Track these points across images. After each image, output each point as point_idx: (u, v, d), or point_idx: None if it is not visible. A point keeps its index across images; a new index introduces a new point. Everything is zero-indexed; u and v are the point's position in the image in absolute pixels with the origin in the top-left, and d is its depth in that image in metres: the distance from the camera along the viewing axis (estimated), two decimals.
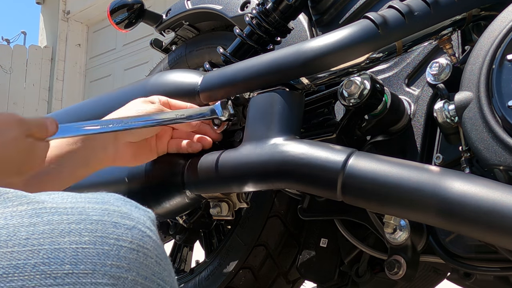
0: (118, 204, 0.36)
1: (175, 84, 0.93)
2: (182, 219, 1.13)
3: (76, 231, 0.32)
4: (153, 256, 0.34)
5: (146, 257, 0.34)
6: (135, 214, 0.36)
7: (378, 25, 0.73)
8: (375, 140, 0.80)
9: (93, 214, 0.33)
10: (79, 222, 0.32)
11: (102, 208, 0.34)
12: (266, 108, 0.80)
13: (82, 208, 0.33)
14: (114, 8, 1.28)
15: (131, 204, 0.37)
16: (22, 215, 0.31)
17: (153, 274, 0.34)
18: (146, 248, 0.34)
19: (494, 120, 0.61)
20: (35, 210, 0.32)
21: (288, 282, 1.09)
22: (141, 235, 0.34)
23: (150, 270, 0.34)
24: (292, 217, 1.04)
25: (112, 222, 0.33)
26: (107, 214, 0.34)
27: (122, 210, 0.35)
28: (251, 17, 0.98)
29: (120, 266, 0.32)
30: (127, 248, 0.33)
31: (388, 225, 0.73)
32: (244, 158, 0.77)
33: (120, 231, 0.33)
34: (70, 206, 0.33)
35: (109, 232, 0.33)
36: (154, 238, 0.35)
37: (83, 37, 7.22)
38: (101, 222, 0.33)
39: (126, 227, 0.34)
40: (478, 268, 0.70)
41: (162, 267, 0.35)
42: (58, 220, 0.32)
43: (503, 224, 0.54)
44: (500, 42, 0.64)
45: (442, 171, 0.62)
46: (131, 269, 0.32)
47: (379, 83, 0.77)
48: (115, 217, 0.34)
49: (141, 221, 0.35)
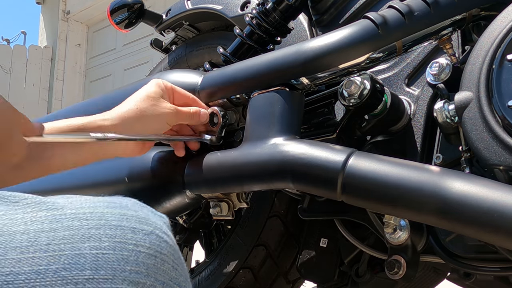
0: (136, 209, 0.36)
1: (175, 84, 0.92)
2: (182, 219, 1.13)
3: (96, 236, 0.32)
4: (170, 261, 0.35)
5: (163, 263, 0.34)
6: (152, 219, 0.36)
7: (378, 25, 0.73)
8: (375, 140, 0.80)
9: (112, 219, 0.34)
10: (99, 228, 0.32)
11: (120, 213, 0.34)
12: (266, 108, 0.80)
13: (101, 213, 0.34)
14: (114, 8, 1.28)
15: (148, 209, 0.37)
16: (42, 220, 0.32)
17: (170, 280, 0.34)
18: (163, 253, 0.34)
19: (494, 120, 0.61)
20: (55, 216, 0.32)
21: (288, 282, 1.09)
22: (158, 240, 0.35)
23: (167, 275, 0.34)
24: (292, 217, 1.04)
25: (131, 228, 0.34)
26: (126, 219, 0.34)
27: (140, 215, 0.35)
28: (251, 17, 0.98)
29: (139, 271, 0.32)
30: (145, 253, 0.33)
31: (388, 225, 0.73)
32: (244, 158, 0.77)
33: (139, 236, 0.34)
34: (89, 211, 0.34)
35: (128, 237, 0.33)
36: (171, 243, 0.36)
37: (83, 37, 7.22)
38: (120, 228, 0.33)
39: (144, 232, 0.34)
40: (478, 268, 0.70)
41: (178, 272, 0.35)
42: (78, 225, 0.32)
43: (503, 224, 0.54)
44: (500, 42, 0.64)
45: (442, 171, 0.62)
46: (149, 274, 0.32)
47: (379, 83, 0.77)
48: (133, 222, 0.34)
49: (158, 227, 0.36)
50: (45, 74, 7.17)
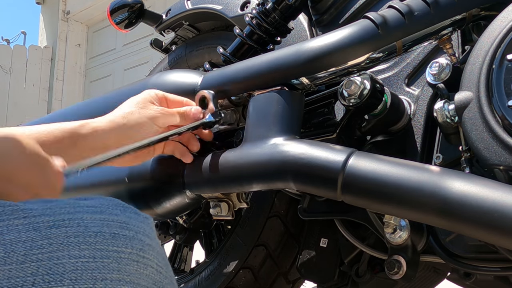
0: (117, 213, 0.35)
1: (175, 84, 0.93)
2: (182, 219, 1.13)
3: (75, 244, 0.31)
4: (154, 265, 0.34)
5: (146, 267, 0.33)
6: (134, 222, 0.35)
7: (378, 25, 0.73)
8: (375, 140, 0.80)
9: (92, 225, 0.33)
10: (78, 235, 0.32)
11: (100, 219, 0.33)
12: (266, 108, 0.80)
13: (81, 220, 0.33)
14: (114, 8, 1.28)
15: (130, 211, 0.36)
16: (19, 229, 0.31)
17: (154, 283, 0.33)
18: (146, 257, 0.34)
19: (494, 120, 0.61)
20: (32, 224, 0.31)
21: (288, 282, 1.09)
22: (141, 244, 0.34)
23: (151, 279, 0.33)
24: (292, 217, 1.04)
25: (112, 233, 0.33)
26: (106, 225, 0.33)
27: (121, 220, 0.34)
28: (251, 17, 0.98)
29: (120, 279, 0.31)
30: (127, 259, 0.32)
31: (388, 225, 0.73)
32: (244, 158, 0.77)
33: (120, 242, 0.33)
34: (68, 217, 0.33)
35: (108, 243, 0.32)
36: (154, 245, 0.35)
37: (83, 37, 7.22)
38: (100, 234, 0.32)
39: (126, 237, 0.33)
40: (478, 268, 0.70)
41: (162, 275, 0.35)
42: (56, 233, 0.31)
43: (503, 224, 0.54)
44: (500, 42, 0.64)
45: (442, 171, 0.62)
46: (131, 281, 0.32)
47: (379, 83, 0.77)
48: (114, 228, 0.33)
49: (141, 230, 0.35)
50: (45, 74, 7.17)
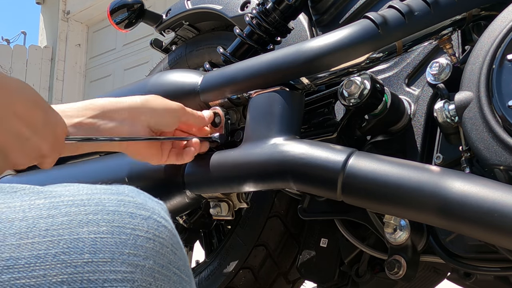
0: (133, 195, 0.36)
1: (175, 84, 0.93)
2: (182, 219, 1.13)
3: (94, 221, 0.32)
4: (169, 245, 0.35)
5: (162, 246, 0.34)
6: (150, 204, 0.36)
7: (378, 25, 0.73)
8: (375, 140, 0.80)
9: (109, 205, 0.34)
10: (96, 213, 0.33)
11: (118, 199, 0.35)
12: (266, 108, 0.80)
13: (99, 199, 0.34)
14: (114, 8, 1.28)
15: (145, 196, 0.38)
16: (40, 207, 0.32)
17: (169, 263, 0.34)
18: (162, 237, 0.35)
19: (494, 120, 0.61)
20: (53, 203, 0.33)
21: (288, 282, 1.09)
22: (156, 225, 0.35)
23: (166, 258, 0.34)
24: (292, 217, 1.04)
25: (128, 213, 0.34)
26: (123, 205, 0.35)
27: (137, 201, 0.36)
28: (251, 17, 0.98)
29: (137, 254, 0.32)
30: (143, 237, 0.33)
31: (388, 225, 0.73)
32: (244, 158, 0.77)
33: (136, 221, 0.34)
34: (86, 197, 0.34)
35: (125, 222, 0.33)
36: (169, 228, 0.36)
37: (83, 37, 7.22)
38: (118, 213, 0.34)
39: (142, 217, 0.34)
40: (478, 268, 0.70)
41: (177, 256, 0.36)
42: (75, 211, 0.33)
43: (503, 224, 0.54)
44: (500, 42, 0.64)
45: (442, 171, 0.62)
46: (148, 257, 0.33)
47: (379, 83, 0.77)
48: (131, 208, 0.35)
49: (156, 212, 0.36)
50: (45, 74, 7.17)
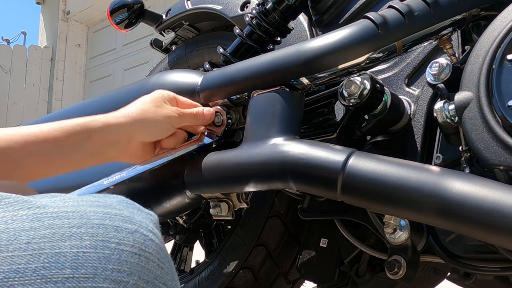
0: (120, 208, 0.35)
1: (175, 84, 0.93)
2: (182, 219, 1.13)
3: (77, 235, 0.31)
4: (155, 260, 0.34)
5: (148, 261, 0.33)
6: (137, 218, 0.35)
7: (378, 25, 0.73)
8: (375, 140, 0.80)
9: (94, 218, 0.33)
10: (80, 226, 0.32)
11: (103, 212, 0.34)
12: (266, 108, 0.80)
13: (84, 212, 0.33)
14: (114, 8, 1.28)
15: (134, 207, 0.37)
16: (23, 219, 0.31)
17: (155, 278, 0.33)
18: (148, 252, 0.34)
19: (494, 120, 0.61)
20: (36, 214, 0.32)
21: (288, 282, 1.09)
22: (143, 239, 0.34)
23: (152, 274, 0.33)
24: (292, 217, 1.04)
25: (114, 226, 0.33)
26: (109, 218, 0.34)
27: (124, 214, 0.35)
28: (251, 17, 0.98)
29: (121, 270, 0.31)
30: (128, 252, 0.32)
31: (388, 225, 0.73)
32: (244, 158, 0.77)
33: (122, 235, 0.33)
34: (71, 210, 0.33)
35: (110, 236, 0.32)
36: (157, 241, 0.35)
37: (83, 37, 7.22)
38: (102, 226, 0.33)
39: (128, 231, 0.34)
40: (478, 268, 0.70)
41: (164, 271, 0.35)
42: (59, 224, 0.32)
43: (503, 224, 0.54)
44: (500, 42, 0.64)
45: (442, 171, 0.62)
46: (132, 273, 0.32)
47: (379, 83, 0.77)
48: (116, 221, 0.34)
49: (144, 225, 0.35)
50: (45, 74, 7.17)
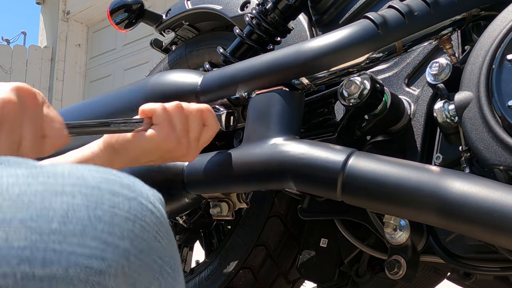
0: (122, 176, 0.34)
1: (175, 84, 0.93)
2: (182, 219, 1.13)
3: (69, 193, 0.31)
4: (152, 231, 0.32)
5: (143, 230, 0.32)
6: (137, 187, 0.34)
7: (378, 25, 0.73)
8: (375, 140, 0.80)
9: (91, 180, 0.32)
10: (74, 185, 0.31)
11: (102, 177, 0.33)
12: (266, 108, 0.80)
13: (81, 174, 0.32)
14: (114, 8, 1.28)
15: (137, 180, 0.35)
16: (18, 175, 0.31)
17: (150, 249, 0.32)
18: (145, 221, 0.32)
19: (494, 120, 0.61)
20: (32, 172, 0.31)
21: (288, 282, 1.09)
22: (140, 207, 0.32)
23: (147, 244, 0.32)
24: (292, 217, 1.04)
25: (110, 190, 0.32)
26: (106, 182, 0.32)
27: (124, 181, 0.33)
28: (251, 17, 0.98)
29: (112, 232, 0.30)
30: (122, 216, 0.31)
31: (388, 225, 0.73)
32: (244, 158, 0.77)
33: (118, 199, 0.32)
34: (68, 170, 0.32)
35: (105, 198, 0.31)
36: (158, 214, 0.33)
37: (83, 37, 7.21)
38: (98, 188, 0.31)
39: (125, 197, 0.32)
40: (478, 268, 0.70)
41: (161, 245, 0.33)
42: (53, 182, 0.31)
43: (503, 224, 0.54)
44: (500, 42, 0.64)
45: (442, 171, 0.62)
46: (124, 237, 0.30)
47: (379, 83, 0.77)
48: (114, 186, 0.32)
49: (144, 196, 0.33)
50: (45, 74, 7.17)
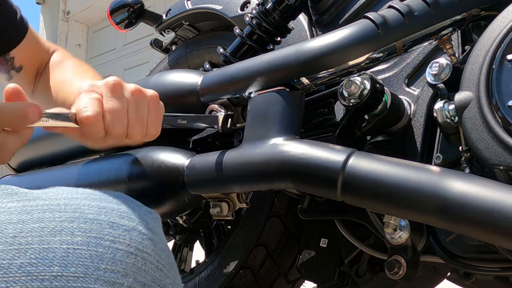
0: (118, 202, 0.33)
1: (175, 84, 0.93)
2: (182, 219, 1.13)
3: (68, 230, 0.29)
4: (154, 261, 0.32)
5: (145, 262, 0.31)
6: (136, 214, 0.33)
7: (378, 25, 0.73)
8: (375, 140, 0.80)
9: (88, 212, 0.30)
10: (72, 221, 0.30)
11: (99, 206, 0.31)
12: (266, 108, 0.80)
13: (77, 206, 0.31)
14: (114, 8, 1.28)
15: (133, 203, 0.34)
16: (11, 211, 0.29)
17: (153, 281, 0.31)
18: (146, 252, 0.31)
19: (494, 120, 0.61)
20: (26, 207, 0.30)
21: (288, 282, 1.09)
22: (140, 237, 0.31)
23: (150, 276, 0.31)
24: (292, 217, 1.04)
25: (109, 222, 0.31)
26: (104, 213, 0.31)
27: (122, 209, 0.32)
28: (251, 17, 0.98)
29: (115, 270, 0.29)
30: (124, 251, 0.30)
31: (388, 225, 0.73)
32: (244, 158, 0.77)
33: (118, 232, 0.31)
34: (64, 202, 0.31)
35: (104, 233, 0.30)
36: (157, 241, 0.33)
37: (83, 37, 7.21)
38: (97, 222, 0.30)
39: (125, 228, 0.31)
40: (478, 268, 0.70)
41: (164, 273, 0.32)
42: (49, 217, 0.29)
43: (503, 224, 0.54)
44: (500, 42, 0.64)
45: (442, 171, 0.62)
46: (127, 274, 0.29)
47: (379, 83, 0.77)
48: (112, 217, 0.31)
49: (143, 222, 0.32)
50: None
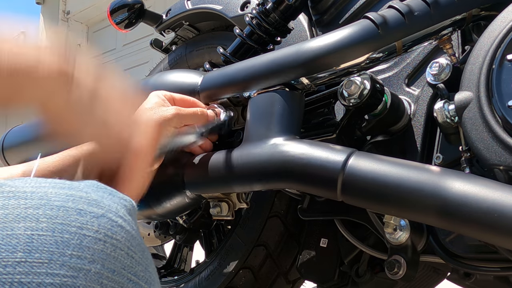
0: (88, 191, 0.32)
1: (175, 84, 0.93)
2: (182, 219, 1.13)
3: (33, 216, 0.29)
4: (124, 248, 0.31)
5: (114, 249, 0.30)
6: (106, 202, 0.32)
7: (378, 25, 0.73)
8: (375, 140, 0.80)
9: (55, 199, 0.30)
10: (38, 207, 0.29)
11: (67, 194, 0.31)
12: (266, 108, 0.80)
13: (44, 193, 0.30)
14: (114, 8, 1.28)
15: (105, 191, 0.33)
16: None
17: (123, 268, 0.30)
18: (116, 239, 0.31)
19: (494, 120, 0.61)
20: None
21: (288, 282, 1.09)
22: (110, 224, 0.31)
23: (120, 263, 0.30)
24: (292, 217, 1.04)
25: (77, 209, 0.30)
26: (72, 200, 0.31)
27: (91, 197, 0.32)
28: (251, 17, 0.98)
29: (81, 256, 0.28)
30: (91, 237, 0.29)
31: (388, 225, 0.73)
32: (244, 158, 0.77)
33: (85, 219, 0.30)
34: (30, 190, 0.30)
35: (71, 219, 0.29)
36: (128, 228, 0.32)
37: (83, 37, 7.22)
38: (63, 208, 0.30)
39: (93, 215, 0.31)
40: (478, 268, 0.70)
41: (135, 260, 0.32)
42: (14, 204, 0.29)
43: (503, 224, 0.54)
44: (500, 42, 0.64)
45: (442, 171, 0.62)
46: (95, 260, 0.29)
47: (379, 83, 0.77)
48: (80, 204, 0.31)
49: (113, 209, 0.32)
50: None
